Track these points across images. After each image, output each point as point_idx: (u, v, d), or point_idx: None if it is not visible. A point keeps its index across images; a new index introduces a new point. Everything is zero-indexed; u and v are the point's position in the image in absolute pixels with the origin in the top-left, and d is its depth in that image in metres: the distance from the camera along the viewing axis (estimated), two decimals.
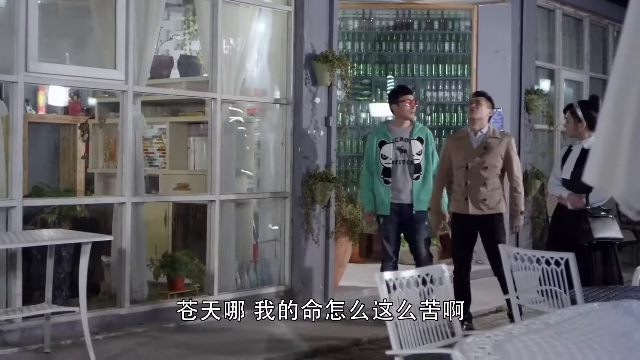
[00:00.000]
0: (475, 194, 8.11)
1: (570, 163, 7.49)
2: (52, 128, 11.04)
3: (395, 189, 8.66)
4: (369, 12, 12.81)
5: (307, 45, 9.43)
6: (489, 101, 8.41)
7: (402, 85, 9.39)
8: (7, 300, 7.22)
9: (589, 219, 7.22)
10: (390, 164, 8.65)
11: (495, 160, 8.14)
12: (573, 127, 7.59)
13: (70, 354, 7.11)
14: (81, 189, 10.37)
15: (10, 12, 7.17)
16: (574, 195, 7.36)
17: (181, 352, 7.32)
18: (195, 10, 10.31)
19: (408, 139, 8.67)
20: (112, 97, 10.49)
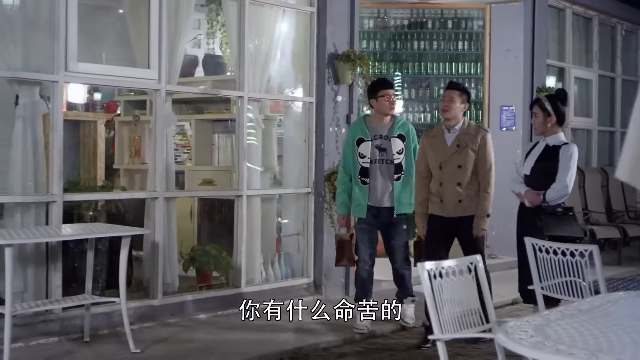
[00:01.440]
0: (450, 195, 7.64)
1: (532, 159, 7.30)
2: (76, 125, 11.28)
3: (374, 191, 8.18)
4: (384, 11, 13.07)
5: (330, 44, 9.71)
6: (463, 94, 7.81)
7: (382, 78, 8.96)
8: (47, 291, 7.50)
9: (542, 216, 7.05)
10: (368, 164, 8.16)
11: (470, 159, 7.63)
12: (542, 122, 7.27)
13: (109, 343, 7.39)
14: (110, 185, 10.62)
15: (51, 14, 7.43)
16: (531, 191, 7.21)
17: (213, 342, 7.59)
18: (219, 10, 10.63)
19: (388, 136, 8.17)
20: (137, 95, 10.79)
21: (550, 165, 7.13)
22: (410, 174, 8.17)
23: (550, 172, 7.12)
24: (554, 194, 7.09)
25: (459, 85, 7.97)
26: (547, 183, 7.12)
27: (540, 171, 7.18)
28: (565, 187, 7.10)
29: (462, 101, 7.74)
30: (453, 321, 4.86)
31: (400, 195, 8.18)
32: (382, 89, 8.18)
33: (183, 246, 9.24)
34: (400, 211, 8.20)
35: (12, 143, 7.51)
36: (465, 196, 7.62)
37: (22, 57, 7.38)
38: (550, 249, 6.10)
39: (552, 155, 7.16)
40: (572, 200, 13.50)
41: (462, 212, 7.64)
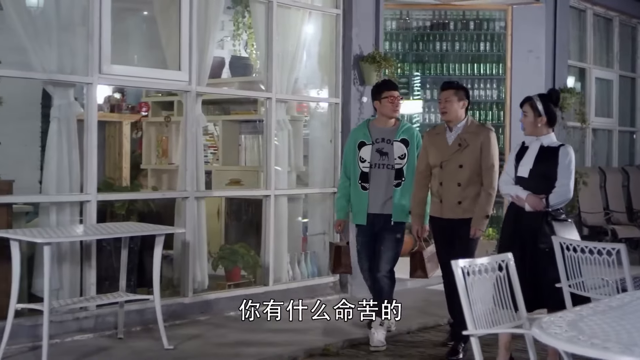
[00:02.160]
0: (449, 195, 7.39)
1: (528, 161, 6.83)
2: (102, 126, 11.46)
3: (374, 197, 7.82)
4: (407, 12, 13.16)
5: (355, 46, 9.85)
6: (459, 91, 7.53)
7: (386, 79, 8.63)
8: (82, 289, 7.66)
9: (551, 222, 6.68)
10: (368, 168, 7.84)
11: (472, 158, 7.35)
12: (532, 122, 6.86)
13: (142, 340, 7.54)
14: (141, 185, 10.79)
15: (85, 18, 7.60)
16: (533, 195, 6.71)
17: (244, 338, 7.73)
18: (245, 13, 10.79)
19: (390, 140, 7.84)
20: (164, 96, 10.94)
21: (548, 167, 6.75)
22: (410, 180, 7.78)
23: (549, 175, 6.73)
24: (558, 199, 6.72)
25: (453, 84, 7.70)
26: (545, 186, 6.72)
27: (539, 174, 6.77)
28: (568, 191, 6.76)
29: (459, 99, 7.46)
30: (485, 317, 4.98)
31: (399, 202, 7.79)
32: (386, 90, 7.89)
33: (211, 245, 9.39)
34: (398, 219, 7.81)
35: (47, 144, 7.68)
36: (465, 197, 7.35)
37: (57, 60, 7.54)
38: (578, 247, 6.20)
39: (549, 157, 6.79)
40: (593, 200, 13.68)
41: (462, 214, 7.35)
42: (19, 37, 7.28)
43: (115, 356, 7.03)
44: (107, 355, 7.06)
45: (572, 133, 13.91)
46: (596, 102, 14.86)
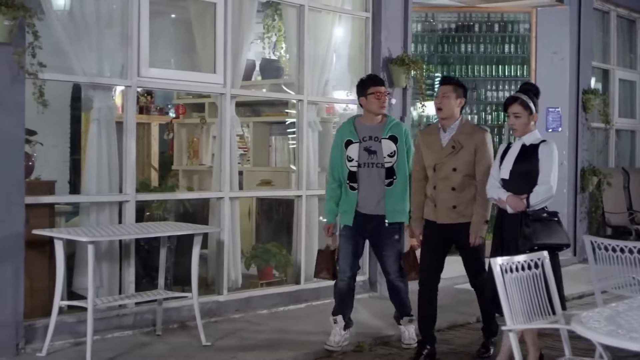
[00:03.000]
0: (444, 199, 7.12)
1: (509, 161, 6.61)
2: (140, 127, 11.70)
3: (363, 197, 7.47)
4: (432, 15, 13.31)
5: (384, 49, 10.01)
6: (459, 88, 7.26)
7: (372, 74, 8.15)
8: (121, 287, 7.85)
9: (529, 223, 6.39)
10: (356, 167, 7.47)
11: (466, 161, 7.08)
12: (526, 122, 6.59)
13: (180, 336, 7.72)
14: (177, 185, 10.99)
15: (124, 23, 7.79)
16: (513, 196, 6.50)
17: (279, 335, 7.91)
18: (275, 16, 10.97)
19: (378, 137, 7.45)
20: (195, 98, 11.14)
21: (530, 166, 6.50)
22: (403, 179, 7.47)
23: (530, 174, 6.49)
24: (538, 197, 6.46)
25: (453, 80, 7.47)
26: (528, 186, 6.49)
27: (520, 174, 6.54)
28: (549, 188, 6.49)
29: (457, 96, 7.19)
30: (523, 313, 5.14)
31: (392, 202, 7.43)
32: (373, 85, 7.52)
33: (242, 244, 9.56)
34: (393, 220, 7.46)
35: (87, 145, 7.88)
36: (460, 202, 7.10)
37: (97, 63, 7.73)
38: (609, 247, 6.35)
39: (530, 155, 6.53)
40: (617, 200, 13.78)
41: (457, 219, 7.12)
42: (60, 42, 7.47)
43: (156, 352, 7.21)
44: (148, 351, 7.24)
45: (595, 134, 14.04)
46: (619, 103, 14.95)
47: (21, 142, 7.00)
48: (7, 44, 6.68)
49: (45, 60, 6.86)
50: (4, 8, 6.49)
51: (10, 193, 6.86)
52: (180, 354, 7.18)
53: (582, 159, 13.36)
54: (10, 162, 6.86)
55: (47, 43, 6.97)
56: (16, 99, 6.87)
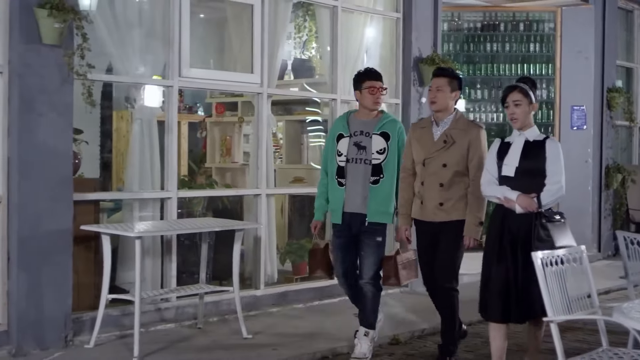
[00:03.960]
0: (431, 196, 6.80)
1: (514, 157, 6.21)
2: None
3: (350, 194, 7.12)
4: (458, 14, 13.48)
5: (415, 49, 10.20)
6: (453, 80, 6.94)
7: (369, 68, 7.62)
8: (163, 281, 8.07)
9: (546, 225, 6.07)
10: (344, 162, 7.13)
11: (457, 157, 6.75)
12: (526, 111, 6.21)
13: (220, 329, 7.93)
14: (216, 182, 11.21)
15: (165, 24, 8.01)
16: (524, 196, 6.09)
17: (316, 328, 8.11)
18: (306, 16, 11.17)
19: (370, 133, 7.11)
20: (228, 97, 11.36)
21: (537, 164, 6.16)
22: (391, 178, 7.09)
23: (537, 172, 6.14)
24: (550, 197, 6.10)
25: (447, 71, 7.14)
26: (535, 184, 6.12)
27: (526, 171, 6.18)
28: (560, 188, 6.13)
29: (452, 89, 6.87)
30: (562, 305, 5.33)
31: (376, 201, 7.05)
32: (368, 79, 7.23)
33: (277, 240, 9.77)
34: (373, 219, 7.05)
35: (130, 143, 8.12)
36: (447, 199, 6.77)
37: (140, 64, 7.96)
38: None
39: (536, 151, 6.19)
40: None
41: (443, 217, 6.79)
42: (106, 44, 7.70)
43: (199, 345, 7.42)
44: (191, 343, 7.45)
45: (620, 132, 14.20)
46: None
47: (70, 140, 7.23)
48: (57, 46, 6.90)
49: (91, 62, 7.09)
50: (54, 11, 6.71)
51: (59, 190, 7.08)
52: (222, 346, 7.39)
53: (607, 157, 13.52)
54: (60, 160, 7.09)
55: (95, 47, 7.20)
56: (65, 100, 7.10)
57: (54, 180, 7.04)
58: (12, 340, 6.86)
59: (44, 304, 7.00)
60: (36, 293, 6.97)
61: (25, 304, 6.91)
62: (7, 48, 6.83)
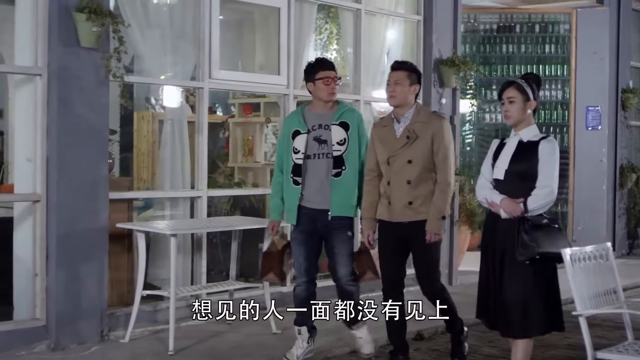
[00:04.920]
0: (398, 195, 6.46)
1: (504, 160, 5.89)
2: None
3: (309, 191, 6.78)
4: (474, 16, 13.63)
5: (435, 50, 10.40)
6: (412, 73, 6.61)
7: (320, 58, 7.34)
8: (193, 278, 8.28)
9: (529, 230, 5.65)
10: (302, 160, 6.77)
11: (422, 152, 6.42)
12: (521, 108, 5.80)
13: (250, 325, 8.01)
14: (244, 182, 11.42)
15: (196, 27, 8.23)
16: (508, 200, 5.76)
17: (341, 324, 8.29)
18: (327, 19, 11.35)
19: (328, 125, 6.76)
20: (251, 97, 11.56)
21: (527, 166, 5.80)
22: (353, 170, 6.77)
23: (528, 174, 5.78)
24: (538, 202, 5.73)
25: (406, 64, 6.75)
26: (524, 188, 5.78)
27: (516, 174, 5.84)
28: (550, 192, 5.75)
29: (411, 82, 6.54)
30: (590, 300, 5.53)
31: (339, 194, 6.74)
32: (321, 70, 6.79)
33: None
34: (336, 213, 6.74)
35: (161, 143, 8.34)
36: (416, 197, 6.45)
37: (171, 66, 8.18)
38: None
39: (528, 153, 5.82)
40: None
41: (413, 217, 6.46)
42: (139, 47, 7.91)
43: (230, 340, 7.62)
44: (223, 339, 7.66)
45: (634, 132, 14.38)
46: None
47: (106, 140, 7.46)
48: (94, 49, 7.11)
49: (125, 64, 7.31)
50: (93, 15, 6.93)
51: (97, 189, 7.30)
52: (253, 341, 7.58)
53: (621, 157, 13.70)
54: (97, 160, 7.32)
55: (131, 50, 7.42)
56: (101, 101, 7.32)
57: (91, 180, 7.25)
58: (51, 335, 7.08)
59: (81, 300, 7.23)
60: (74, 289, 7.19)
61: (64, 299, 7.13)
62: (46, 51, 7.05)
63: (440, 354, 7.60)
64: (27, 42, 7.14)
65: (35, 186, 7.12)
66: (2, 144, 12.27)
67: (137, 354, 7.10)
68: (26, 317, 7.18)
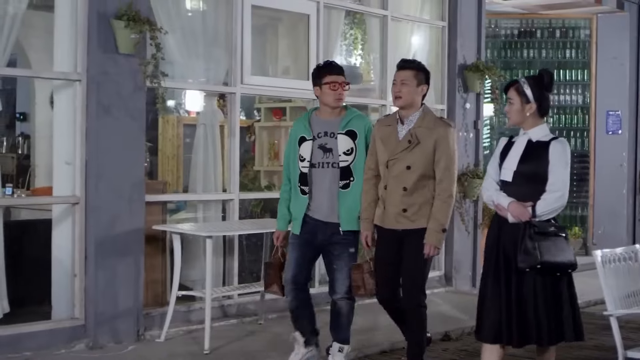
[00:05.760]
0: (393, 201, 6.16)
1: (512, 161, 5.62)
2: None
3: (315, 201, 6.46)
4: (495, 22, 13.81)
5: (460, 56, 10.56)
6: (419, 73, 6.27)
7: (329, 61, 6.90)
8: (225, 279, 8.45)
9: (534, 236, 5.38)
10: (308, 168, 6.45)
11: (422, 158, 6.09)
12: (518, 110, 5.58)
13: (281, 325, 8.20)
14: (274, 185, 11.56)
15: (228, 34, 8.42)
16: (516, 203, 5.50)
17: (370, 324, 8.43)
18: (352, 25, 11.53)
19: (335, 133, 6.42)
20: (276, 102, 11.72)
21: (537, 168, 5.54)
22: (362, 181, 6.43)
23: (537, 177, 5.53)
24: (547, 207, 5.46)
25: (413, 63, 6.39)
26: (533, 191, 5.53)
27: (525, 176, 5.58)
28: (560, 197, 5.49)
29: (418, 83, 6.21)
30: (620, 300, 5.68)
31: (348, 207, 6.41)
32: (329, 74, 6.46)
33: None
34: (348, 228, 6.42)
35: (194, 147, 8.52)
36: (411, 204, 6.14)
37: (204, 72, 8.36)
38: None
39: (538, 154, 5.57)
40: None
41: (407, 225, 6.16)
42: (173, 53, 8.08)
43: (263, 340, 7.78)
44: (255, 339, 7.82)
45: None
46: None
47: (142, 144, 7.64)
48: (131, 55, 7.29)
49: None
50: (131, 23, 7.12)
51: (133, 191, 7.47)
52: (284, 341, 7.69)
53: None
54: (134, 163, 7.49)
55: (167, 56, 7.60)
56: (138, 105, 7.52)
57: (128, 182, 7.43)
58: (90, 334, 7.26)
59: (118, 300, 7.40)
60: (111, 290, 7.37)
61: (102, 299, 7.31)
62: (85, 57, 7.23)
63: (469, 354, 7.72)
64: (67, 48, 7.32)
65: (74, 188, 7.30)
66: (28, 147, 12.49)
67: (173, 353, 7.26)
68: (64, 316, 7.35)
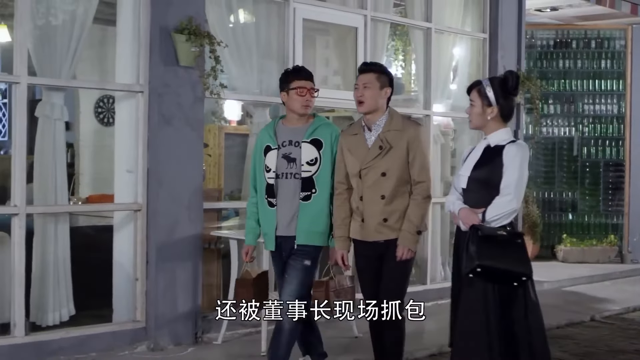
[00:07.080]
0: (372, 212, 5.84)
1: (467, 167, 5.43)
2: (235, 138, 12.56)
3: (281, 215, 6.07)
4: (531, 32, 14.01)
5: (500, 67, 10.76)
6: (382, 75, 5.96)
7: (298, 66, 6.60)
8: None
9: (476, 240, 5.09)
10: (274, 179, 6.07)
11: (397, 163, 5.80)
12: (479, 113, 5.36)
13: (329, 328, 8.07)
14: None
15: (280, 46, 8.71)
16: (467, 210, 5.30)
17: (415, 327, 8.57)
18: (394, 36, 11.81)
19: (299, 142, 6.05)
20: (319, 112, 11.99)
21: (489, 172, 5.29)
22: (325, 194, 6.05)
23: (491, 182, 5.27)
24: (497, 211, 5.20)
25: (375, 66, 6.13)
26: (489, 197, 5.27)
27: (479, 181, 5.34)
28: (510, 201, 5.21)
29: (381, 85, 5.90)
30: None
31: (307, 220, 6.02)
32: (296, 79, 6.12)
33: None
34: (304, 242, 6.02)
35: (247, 156, 8.78)
36: (391, 212, 5.84)
37: (257, 83, 8.63)
38: None
39: (494, 158, 5.30)
40: None
41: (389, 235, 5.86)
42: (228, 65, 8.35)
43: None
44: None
45: None
46: None
47: (201, 153, 7.92)
48: (191, 67, 7.58)
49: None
50: (192, 36, 7.40)
51: (192, 199, 7.76)
52: (335, 343, 7.86)
53: None
54: (193, 171, 7.78)
55: (225, 69, 7.87)
56: (197, 116, 7.80)
57: (187, 190, 7.71)
58: (151, 336, 7.54)
59: (177, 304, 7.69)
60: (171, 293, 7.65)
61: (162, 303, 7.60)
62: (147, 69, 7.53)
63: None
64: (129, 61, 7.63)
65: (136, 196, 7.59)
66: (72, 156, 12.81)
67: (231, 354, 7.52)
68: (125, 319, 7.65)
